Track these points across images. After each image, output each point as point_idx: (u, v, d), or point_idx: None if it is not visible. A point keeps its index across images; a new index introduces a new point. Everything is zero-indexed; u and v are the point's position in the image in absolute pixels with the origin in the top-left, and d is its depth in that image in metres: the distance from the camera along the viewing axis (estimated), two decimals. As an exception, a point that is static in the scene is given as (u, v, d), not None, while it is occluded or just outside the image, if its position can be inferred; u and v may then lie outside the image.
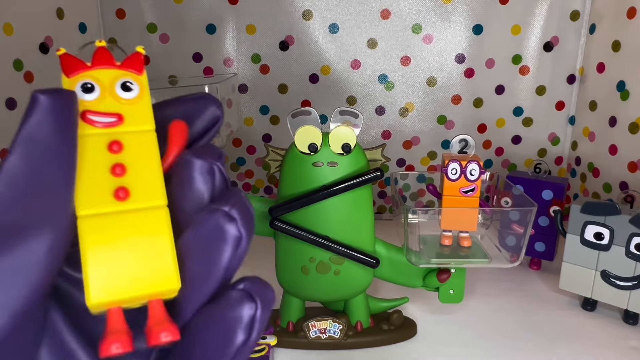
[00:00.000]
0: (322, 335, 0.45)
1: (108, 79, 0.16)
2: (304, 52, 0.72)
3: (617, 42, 0.63)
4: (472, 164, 0.41)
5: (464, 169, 0.41)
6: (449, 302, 0.46)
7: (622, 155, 0.62)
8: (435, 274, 0.44)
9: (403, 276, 0.46)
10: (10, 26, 0.55)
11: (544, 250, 0.61)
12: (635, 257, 0.47)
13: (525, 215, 0.42)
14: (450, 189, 0.42)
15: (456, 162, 0.41)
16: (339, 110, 0.40)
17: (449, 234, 0.45)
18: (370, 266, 0.43)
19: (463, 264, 0.44)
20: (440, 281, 0.44)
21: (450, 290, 0.45)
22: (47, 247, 0.14)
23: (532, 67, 0.72)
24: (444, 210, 0.43)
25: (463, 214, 0.43)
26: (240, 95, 0.75)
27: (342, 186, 0.40)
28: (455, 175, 0.42)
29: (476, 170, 0.41)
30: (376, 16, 0.71)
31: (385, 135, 0.76)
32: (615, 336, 0.47)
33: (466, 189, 0.42)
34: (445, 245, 0.45)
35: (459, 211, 0.43)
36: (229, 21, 0.72)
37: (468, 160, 0.42)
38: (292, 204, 0.41)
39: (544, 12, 0.70)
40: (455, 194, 0.42)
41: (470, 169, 0.41)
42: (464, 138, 0.43)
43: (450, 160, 0.42)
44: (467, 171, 0.41)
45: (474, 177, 0.42)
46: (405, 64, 0.73)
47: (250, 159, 0.78)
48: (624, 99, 0.61)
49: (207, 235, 0.16)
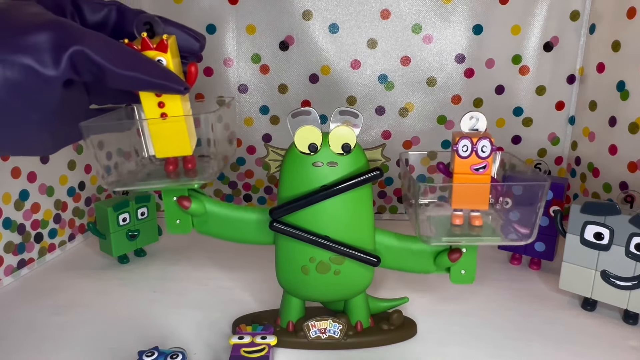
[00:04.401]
0: (322, 335, 0.45)
1: (150, 56, 0.33)
2: (304, 52, 0.72)
3: (617, 42, 0.63)
4: (483, 141, 0.40)
5: (475, 145, 0.40)
6: (460, 282, 0.45)
7: (622, 155, 0.62)
8: (446, 254, 0.43)
9: (410, 262, 0.45)
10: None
11: (544, 250, 0.61)
12: (635, 257, 0.47)
13: (538, 190, 0.40)
14: (461, 166, 0.41)
15: (467, 139, 0.40)
16: (339, 110, 0.40)
17: (459, 213, 0.44)
18: (371, 264, 0.43)
19: (475, 242, 0.43)
20: (451, 261, 0.43)
21: (462, 270, 0.44)
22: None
23: (532, 67, 0.72)
24: (455, 188, 0.42)
25: (475, 192, 0.41)
26: (240, 95, 0.75)
27: (342, 186, 0.40)
28: (466, 153, 0.40)
29: (487, 147, 0.40)
30: (376, 16, 0.71)
31: (385, 135, 0.76)
32: (615, 336, 0.47)
33: (477, 166, 0.41)
34: (456, 224, 0.44)
35: (470, 189, 0.41)
36: (229, 21, 0.72)
37: (479, 137, 0.41)
38: (291, 205, 0.41)
39: (544, 12, 0.70)
40: (466, 171, 0.41)
41: (482, 146, 0.40)
42: (474, 115, 0.42)
43: (461, 137, 0.41)
44: (478, 148, 0.40)
45: (485, 154, 0.40)
46: (405, 64, 0.73)
47: (250, 159, 0.78)
48: (624, 99, 0.61)
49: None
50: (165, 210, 0.44)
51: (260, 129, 0.76)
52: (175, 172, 0.41)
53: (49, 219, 0.64)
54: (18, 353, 0.45)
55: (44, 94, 0.29)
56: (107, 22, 0.36)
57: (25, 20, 0.29)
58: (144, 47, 0.33)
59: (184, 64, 0.37)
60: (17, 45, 0.27)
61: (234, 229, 0.45)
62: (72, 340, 0.47)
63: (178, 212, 0.44)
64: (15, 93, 0.28)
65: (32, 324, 0.50)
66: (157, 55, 0.33)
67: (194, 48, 0.37)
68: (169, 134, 0.36)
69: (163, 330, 0.49)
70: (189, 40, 0.37)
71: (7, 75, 0.27)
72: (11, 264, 0.59)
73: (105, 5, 0.36)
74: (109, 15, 0.36)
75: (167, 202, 0.43)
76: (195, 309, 0.52)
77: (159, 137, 0.36)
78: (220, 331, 0.48)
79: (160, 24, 0.35)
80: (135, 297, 0.55)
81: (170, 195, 0.43)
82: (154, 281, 0.59)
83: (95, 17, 0.36)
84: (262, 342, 0.41)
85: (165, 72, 0.33)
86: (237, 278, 0.59)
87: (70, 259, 0.66)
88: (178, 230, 0.44)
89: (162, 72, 0.32)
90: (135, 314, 0.52)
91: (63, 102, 0.31)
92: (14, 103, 0.28)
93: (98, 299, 0.55)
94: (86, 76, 0.30)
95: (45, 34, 0.28)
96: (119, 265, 0.64)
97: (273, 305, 0.50)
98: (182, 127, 0.36)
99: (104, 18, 0.36)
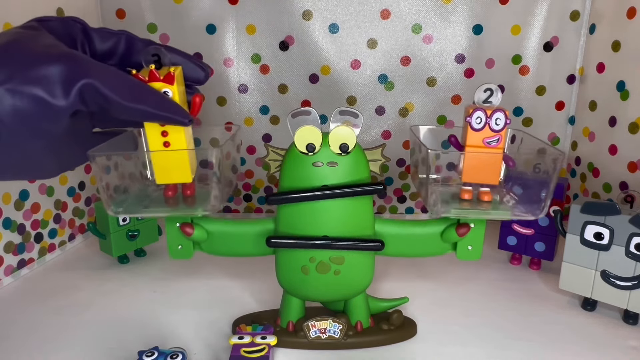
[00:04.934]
0: (322, 335, 0.45)
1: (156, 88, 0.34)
2: (304, 52, 0.72)
3: (617, 42, 0.63)
4: (498, 113, 0.40)
5: (488, 118, 0.40)
6: (467, 258, 0.44)
7: (622, 155, 0.62)
8: (453, 229, 0.43)
9: (416, 247, 0.45)
10: (10, 26, 0.55)
11: (544, 250, 0.61)
12: (635, 257, 0.47)
13: (553, 163, 0.40)
14: (474, 139, 0.40)
15: (481, 111, 0.40)
16: (338, 110, 0.40)
17: (468, 188, 0.43)
18: (376, 249, 0.42)
19: (483, 215, 0.42)
20: (459, 235, 0.43)
21: (469, 246, 0.44)
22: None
23: (532, 67, 0.72)
24: (467, 159, 0.41)
25: (486, 165, 0.41)
26: (240, 95, 0.75)
27: (343, 191, 0.40)
28: (480, 125, 0.40)
29: (501, 120, 0.40)
30: (376, 16, 0.71)
31: (385, 135, 0.76)
32: (615, 336, 0.47)
33: (490, 139, 0.40)
34: (464, 199, 0.43)
35: (482, 160, 0.41)
36: (229, 21, 0.72)
37: (494, 109, 0.40)
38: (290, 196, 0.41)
39: (544, 12, 0.70)
40: (478, 144, 0.40)
41: (496, 118, 0.40)
42: (489, 87, 0.41)
43: (475, 109, 0.40)
44: (492, 120, 0.40)
45: (499, 126, 0.40)
46: (405, 64, 0.73)
47: (250, 159, 0.78)
48: (624, 99, 0.61)
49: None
50: (168, 236, 0.44)
51: (260, 129, 0.76)
52: (174, 198, 0.41)
53: (49, 219, 0.64)
54: (18, 353, 0.45)
55: (51, 123, 0.30)
56: (116, 51, 0.37)
57: (38, 52, 0.30)
58: (152, 79, 0.34)
59: (188, 93, 0.38)
60: (29, 77, 0.28)
61: (241, 244, 0.45)
62: (72, 340, 0.47)
63: (180, 238, 0.44)
64: (23, 122, 0.29)
65: (32, 324, 0.50)
66: (164, 86, 0.34)
67: (199, 78, 0.38)
68: (171, 162, 0.37)
69: (163, 330, 0.49)
70: (195, 69, 0.38)
71: (17, 105, 0.28)
72: (11, 264, 0.59)
73: (114, 34, 0.37)
74: (117, 44, 0.37)
75: (170, 228, 0.44)
76: (195, 309, 0.52)
77: (161, 164, 0.37)
78: (220, 331, 0.48)
79: (167, 55, 0.35)
80: (135, 297, 0.55)
81: (173, 221, 0.43)
82: (154, 281, 0.59)
83: (104, 46, 0.37)
84: (262, 342, 0.41)
85: (170, 104, 0.33)
86: (237, 278, 0.59)
87: (70, 259, 0.66)
88: (180, 256, 0.45)
89: (168, 105, 0.33)
90: (135, 314, 0.52)
91: (68, 129, 0.32)
92: (20, 131, 0.29)
93: (98, 299, 0.55)
94: (93, 107, 0.31)
95: (56, 66, 0.29)
96: (119, 265, 0.64)
97: (273, 305, 0.50)
98: (184, 156, 0.37)
99: (113, 47, 0.37)
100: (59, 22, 0.35)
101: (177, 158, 0.37)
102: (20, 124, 0.29)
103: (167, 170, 0.37)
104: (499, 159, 0.41)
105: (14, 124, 0.29)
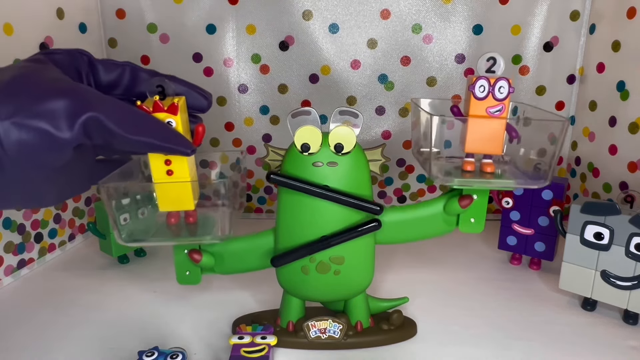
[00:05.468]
0: (322, 335, 0.45)
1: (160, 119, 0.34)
2: (304, 52, 0.72)
3: (617, 42, 0.63)
4: (501, 81, 0.39)
5: (492, 86, 0.39)
6: (469, 231, 0.44)
7: (622, 155, 0.62)
8: (456, 200, 0.42)
9: (420, 230, 0.45)
10: (10, 26, 0.55)
11: (544, 250, 0.61)
12: (635, 257, 0.47)
13: (557, 129, 0.39)
14: (477, 108, 0.40)
15: (484, 79, 0.39)
16: (338, 110, 0.40)
17: (471, 159, 0.43)
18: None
19: (486, 185, 0.42)
20: (462, 207, 0.42)
21: (472, 218, 0.43)
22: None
23: (532, 67, 0.72)
24: (470, 126, 0.41)
25: (489, 133, 0.40)
26: (240, 95, 0.75)
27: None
28: (483, 93, 0.40)
29: (505, 88, 0.39)
30: (376, 16, 0.71)
31: (385, 135, 0.76)
32: (615, 336, 0.47)
33: (494, 108, 0.40)
34: (467, 171, 0.43)
35: (485, 128, 0.40)
36: (229, 21, 0.72)
37: (497, 78, 0.40)
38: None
39: (544, 12, 0.70)
40: (481, 113, 0.40)
41: (499, 86, 0.39)
42: (492, 56, 0.41)
43: (478, 77, 0.40)
44: (495, 89, 0.39)
45: (502, 95, 0.40)
46: (405, 64, 0.73)
47: (250, 159, 0.78)
48: (624, 99, 0.61)
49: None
50: (176, 263, 0.45)
51: (260, 129, 0.76)
52: (177, 225, 0.42)
53: (49, 219, 0.64)
54: (18, 353, 0.45)
55: (55, 156, 0.31)
56: (120, 82, 0.38)
57: (44, 86, 0.30)
58: (156, 109, 0.34)
59: (191, 122, 0.39)
60: (34, 111, 0.29)
61: (249, 261, 0.46)
62: (72, 340, 0.47)
63: (188, 264, 0.45)
64: (27, 154, 0.30)
65: (32, 324, 0.50)
66: (168, 117, 0.34)
67: (202, 106, 0.39)
68: (174, 191, 0.37)
69: (163, 330, 0.49)
70: (198, 98, 0.39)
71: (22, 138, 0.29)
72: (11, 264, 0.59)
73: (119, 65, 0.38)
74: (122, 75, 0.38)
75: (178, 254, 0.44)
76: (195, 309, 0.52)
77: (164, 192, 0.38)
78: (220, 331, 0.48)
79: (171, 85, 0.36)
80: (135, 297, 0.55)
81: (182, 248, 0.44)
82: (154, 281, 0.59)
83: (109, 77, 0.37)
84: (262, 342, 0.41)
85: (174, 135, 0.34)
86: (237, 278, 0.59)
87: (70, 259, 0.66)
88: (188, 282, 0.46)
89: (171, 136, 0.34)
90: (135, 314, 0.52)
91: (70, 161, 0.32)
92: (24, 163, 0.30)
93: (98, 299, 0.55)
94: (98, 140, 0.31)
95: (61, 101, 0.30)
96: (119, 265, 0.64)
97: (273, 305, 0.50)
98: (187, 185, 0.37)
99: (118, 78, 0.38)
100: (65, 54, 0.35)
101: (181, 187, 0.37)
102: (25, 156, 0.29)
103: (170, 198, 0.38)
104: (503, 127, 0.40)
105: (18, 157, 0.29)
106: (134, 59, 0.73)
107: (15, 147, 0.29)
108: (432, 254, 0.66)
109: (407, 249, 0.67)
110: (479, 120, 0.40)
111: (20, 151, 0.29)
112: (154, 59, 0.73)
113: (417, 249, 0.67)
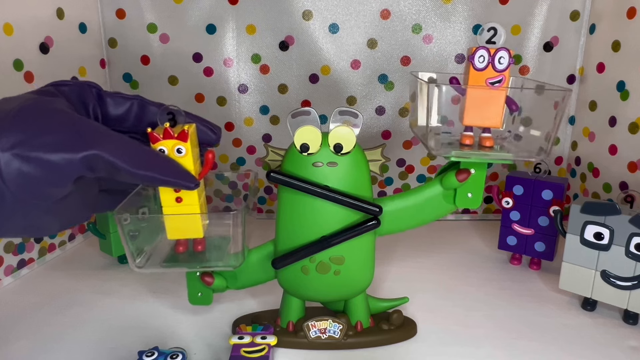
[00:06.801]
0: (322, 335, 0.45)
1: (170, 145, 0.35)
2: (304, 52, 0.72)
3: (617, 42, 0.63)
4: (501, 51, 0.39)
5: (492, 57, 0.39)
6: (466, 206, 0.43)
7: (622, 155, 0.62)
8: (453, 174, 0.42)
9: (421, 215, 0.44)
10: (10, 26, 0.55)
11: (544, 250, 0.61)
12: (635, 257, 0.47)
13: (559, 98, 0.39)
14: (476, 79, 0.39)
15: (484, 49, 0.39)
16: (338, 110, 0.40)
17: (469, 133, 0.42)
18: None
19: (485, 158, 0.41)
20: (459, 181, 0.42)
21: (469, 193, 0.43)
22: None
23: (532, 67, 0.72)
24: (469, 96, 0.40)
25: (489, 105, 0.40)
26: (240, 95, 0.75)
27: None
28: (483, 64, 0.39)
29: (505, 59, 0.39)
30: (376, 16, 0.71)
31: (385, 135, 0.76)
32: (615, 336, 0.47)
33: (493, 79, 0.39)
34: (465, 144, 0.42)
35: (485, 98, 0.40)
36: (229, 21, 0.72)
37: (497, 48, 0.39)
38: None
39: (544, 12, 0.70)
40: (481, 85, 0.39)
41: (499, 57, 0.39)
42: (493, 26, 0.40)
43: (478, 47, 0.39)
44: (495, 59, 0.39)
45: (502, 65, 0.39)
46: (405, 64, 0.73)
47: (250, 159, 0.78)
48: (624, 99, 0.61)
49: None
50: (188, 285, 0.46)
51: (260, 129, 0.76)
52: (185, 252, 0.42)
53: (49, 219, 0.64)
54: (18, 353, 0.45)
55: (56, 188, 0.31)
56: (129, 116, 0.38)
57: (48, 119, 0.30)
58: (166, 136, 0.34)
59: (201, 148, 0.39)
60: (36, 143, 0.29)
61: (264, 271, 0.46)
62: (72, 340, 0.47)
63: (200, 286, 0.46)
64: (28, 186, 0.30)
65: (32, 324, 0.50)
66: (178, 144, 0.34)
67: (210, 140, 0.39)
68: (183, 218, 0.37)
69: (163, 330, 0.49)
70: (207, 132, 0.39)
71: (23, 169, 0.29)
72: (11, 264, 0.59)
73: (127, 99, 0.38)
74: (130, 109, 0.38)
75: (190, 277, 0.45)
76: (195, 309, 0.52)
77: (173, 221, 0.38)
78: (220, 331, 0.48)
79: (182, 113, 0.36)
80: (135, 297, 0.55)
81: (194, 271, 0.45)
82: (154, 281, 0.59)
83: (117, 111, 0.37)
84: (262, 342, 0.41)
85: (177, 170, 0.34)
86: (237, 278, 0.59)
87: (70, 259, 0.66)
88: (200, 302, 0.47)
89: (175, 170, 0.34)
90: (135, 314, 0.52)
91: (72, 192, 0.33)
92: (23, 194, 0.30)
93: (98, 299, 0.55)
94: (101, 173, 0.31)
95: (64, 134, 0.30)
96: (119, 265, 0.64)
97: (273, 305, 0.50)
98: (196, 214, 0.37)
99: (126, 112, 0.38)
100: (74, 86, 0.35)
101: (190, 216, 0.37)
102: (25, 188, 0.29)
103: (179, 227, 0.38)
104: (502, 99, 0.39)
105: (19, 188, 0.29)
106: (134, 59, 0.73)
107: (15, 178, 0.29)
108: (432, 254, 0.66)
109: (407, 248, 0.67)
110: (478, 91, 0.40)
111: (20, 183, 0.29)
112: (154, 59, 0.73)
113: (417, 249, 0.67)
